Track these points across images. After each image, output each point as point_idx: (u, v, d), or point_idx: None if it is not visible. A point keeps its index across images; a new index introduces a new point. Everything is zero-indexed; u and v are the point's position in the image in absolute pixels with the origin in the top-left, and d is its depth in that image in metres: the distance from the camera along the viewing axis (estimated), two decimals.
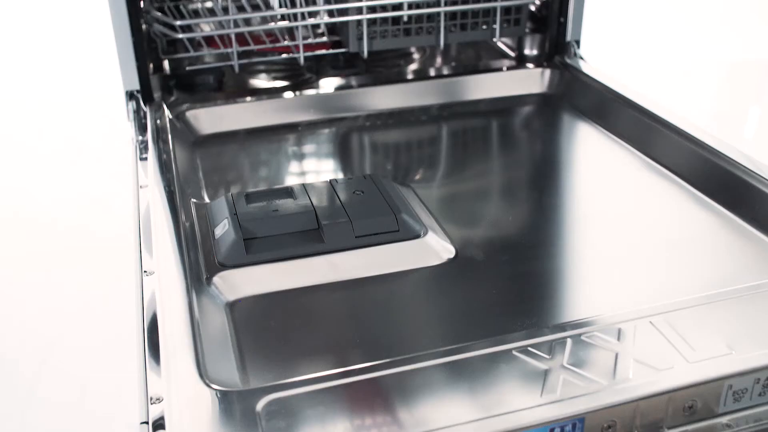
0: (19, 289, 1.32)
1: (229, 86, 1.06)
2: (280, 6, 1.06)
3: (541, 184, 0.83)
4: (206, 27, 1.12)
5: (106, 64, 1.07)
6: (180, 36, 0.96)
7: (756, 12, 2.09)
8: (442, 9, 1.01)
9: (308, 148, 0.91)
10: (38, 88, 1.93)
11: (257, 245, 0.68)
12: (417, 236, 0.70)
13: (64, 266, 1.39)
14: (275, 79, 1.08)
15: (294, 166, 0.87)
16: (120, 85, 0.96)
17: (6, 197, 1.60)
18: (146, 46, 0.97)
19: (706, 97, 1.70)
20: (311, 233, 0.70)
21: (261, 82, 1.08)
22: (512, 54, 1.14)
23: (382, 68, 1.11)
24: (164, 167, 0.82)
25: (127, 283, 0.79)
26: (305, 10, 0.97)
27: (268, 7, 1.14)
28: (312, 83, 1.06)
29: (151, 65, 0.99)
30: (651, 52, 1.69)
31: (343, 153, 0.90)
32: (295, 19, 0.99)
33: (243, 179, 0.85)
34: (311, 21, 0.99)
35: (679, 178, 0.82)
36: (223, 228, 0.70)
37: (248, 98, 1.00)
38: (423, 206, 0.77)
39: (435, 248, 0.70)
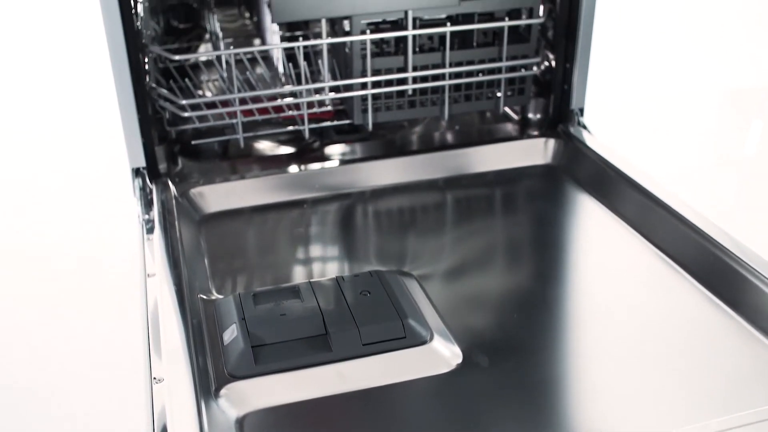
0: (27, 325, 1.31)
1: (234, 152, 1.07)
2: (286, 79, 1.06)
3: (546, 273, 0.83)
4: (210, 91, 1.13)
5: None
6: (187, 114, 0.96)
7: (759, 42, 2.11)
8: (446, 82, 1.01)
9: (314, 229, 0.92)
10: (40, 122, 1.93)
11: (265, 354, 0.69)
12: (424, 342, 0.71)
13: (70, 304, 1.38)
14: (280, 143, 1.08)
15: (300, 252, 0.88)
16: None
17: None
18: (152, 116, 0.97)
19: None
20: (319, 339, 0.70)
21: (265, 147, 1.08)
22: (516, 117, 1.14)
23: (385, 131, 1.11)
24: (171, 252, 0.83)
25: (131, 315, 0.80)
26: (312, 86, 0.98)
27: (271, 66, 1.15)
28: (316, 149, 1.06)
29: (156, 135, 0.99)
30: (655, 110, 1.70)
31: (348, 236, 0.91)
32: (301, 95, 1.00)
33: (249, 267, 0.85)
34: (317, 97, 0.99)
35: (681, 267, 0.82)
36: (231, 334, 0.71)
37: (253, 169, 1.01)
38: (428, 302, 0.77)
39: (442, 354, 0.70)
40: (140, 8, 1.02)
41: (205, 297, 0.78)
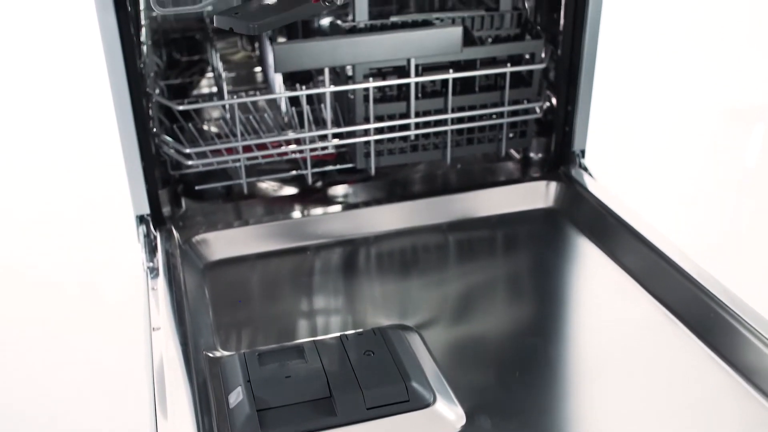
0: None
1: (237, 193, 1.07)
2: (288, 119, 1.07)
3: (547, 327, 0.84)
4: (208, 125, 1.13)
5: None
6: (191, 163, 0.96)
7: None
8: (449, 127, 1.02)
9: (317, 278, 0.92)
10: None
11: (271, 418, 0.69)
12: (427, 405, 0.71)
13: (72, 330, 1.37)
14: (283, 183, 1.09)
15: (303, 303, 0.88)
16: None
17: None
18: (155, 156, 0.97)
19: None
20: (323, 402, 0.71)
21: (269, 187, 1.09)
22: (517, 156, 1.15)
23: (388, 170, 1.12)
24: (176, 305, 0.84)
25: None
26: (315, 134, 0.98)
27: (273, 104, 1.15)
28: (319, 190, 1.07)
29: (159, 178, 0.99)
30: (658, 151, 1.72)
31: (351, 285, 0.91)
32: (304, 140, 1.00)
33: (253, 320, 0.86)
34: (320, 144, 1.00)
35: (681, 322, 0.83)
36: (237, 397, 0.72)
37: (257, 212, 1.02)
38: (431, 359, 0.78)
39: (445, 417, 0.71)
40: (144, 48, 1.03)
41: (210, 355, 0.79)
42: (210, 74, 1.31)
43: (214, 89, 1.30)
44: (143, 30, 1.07)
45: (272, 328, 0.84)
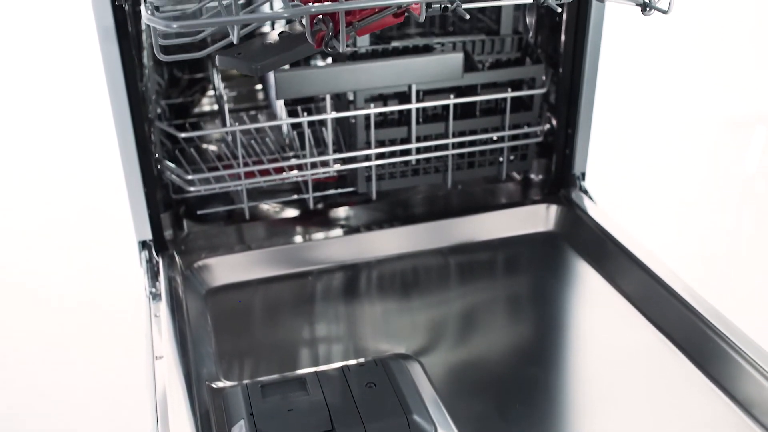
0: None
1: (239, 215, 1.07)
2: (290, 141, 1.07)
3: (547, 356, 0.84)
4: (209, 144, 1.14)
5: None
6: (193, 189, 0.97)
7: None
8: (450, 152, 1.02)
9: (319, 305, 0.93)
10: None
11: None
12: None
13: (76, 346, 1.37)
14: (285, 205, 1.09)
15: (305, 331, 0.89)
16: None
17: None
18: (157, 178, 0.97)
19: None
20: None
21: (270, 209, 1.09)
22: (518, 177, 1.15)
23: (389, 192, 1.12)
24: (178, 334, 0.84)
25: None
26: (317, 159, 0.99)
27: (274, 127, 1.16)
28: (320, 212, 1.07)
29: (161, 201, 1.00)
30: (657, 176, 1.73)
31: (353, 312, 0.92)
32: (306, 166, 1.01)
33: (255, 348, 0.86)
34: (321, 170, 1.00)
35: (680, 350, 0.83)
36: (239, 430, 0.72)
37: (258, 235, 1.02)
38: (432, 390, 0.78)
39: None
40: (145, 71, 1.03)
41: (213, 385, 0.80)
42: (211, 92, 1.31)
43: (216, 107, 1.31)
44: (145, 52, 1.07)
45: (274, 357, 0.85)
